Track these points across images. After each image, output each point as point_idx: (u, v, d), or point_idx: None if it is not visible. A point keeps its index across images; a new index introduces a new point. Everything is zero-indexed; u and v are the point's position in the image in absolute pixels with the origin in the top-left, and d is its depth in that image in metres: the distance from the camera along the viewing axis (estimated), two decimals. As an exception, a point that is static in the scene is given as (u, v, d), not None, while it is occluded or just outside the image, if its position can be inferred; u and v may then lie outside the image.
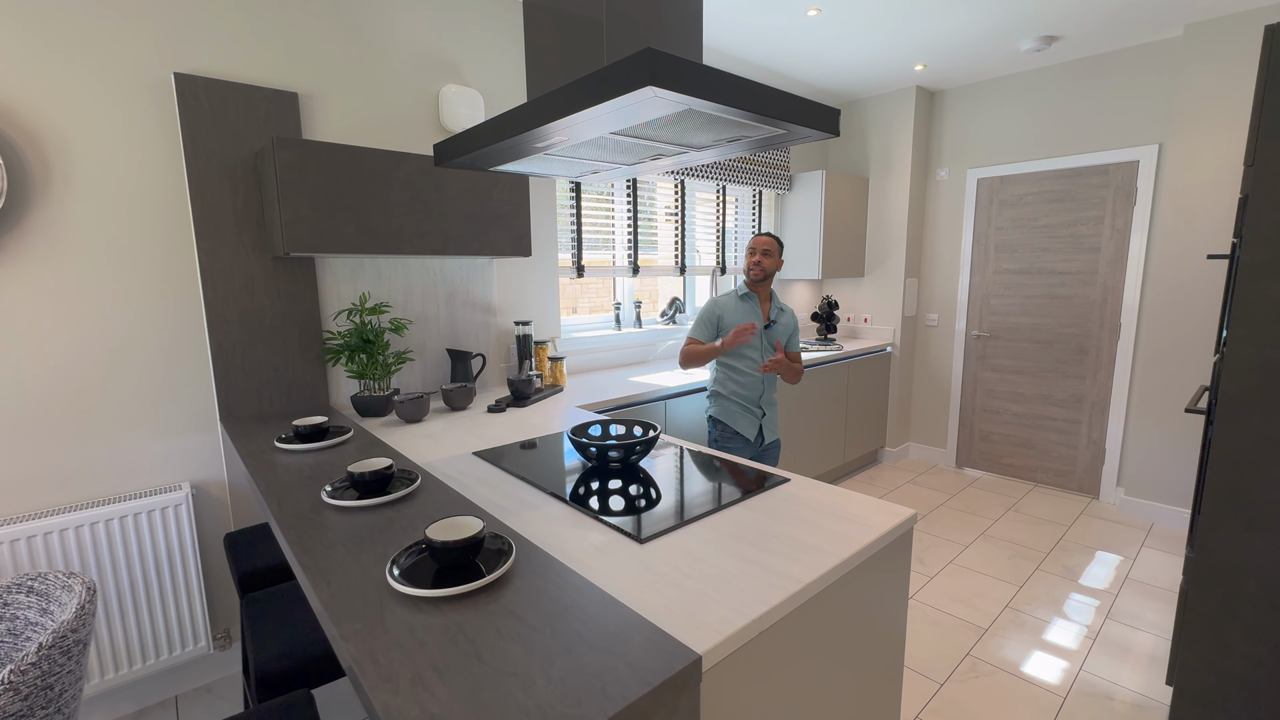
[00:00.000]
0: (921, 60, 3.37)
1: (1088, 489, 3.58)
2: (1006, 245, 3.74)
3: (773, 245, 2.35)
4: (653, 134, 1.28)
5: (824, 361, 3.50)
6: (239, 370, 1.98)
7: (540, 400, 2.36)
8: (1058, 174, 3.49)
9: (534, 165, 1.59)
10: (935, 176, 4.02)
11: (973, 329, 3.95)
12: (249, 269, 1.97)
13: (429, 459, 1.64)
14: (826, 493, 1.35)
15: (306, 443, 1.63)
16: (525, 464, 1.57)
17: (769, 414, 2.39)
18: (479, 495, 1.35)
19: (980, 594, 2.52)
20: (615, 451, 1.45)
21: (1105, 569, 2.72)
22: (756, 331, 2.24)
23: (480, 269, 2.57)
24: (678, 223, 3.53)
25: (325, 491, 1.24)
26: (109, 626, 1.76)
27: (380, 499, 1.22)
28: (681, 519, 1.21)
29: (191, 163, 1.84)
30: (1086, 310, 3.48)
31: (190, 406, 1.93)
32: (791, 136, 1.28)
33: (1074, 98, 3.39)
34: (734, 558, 1.05)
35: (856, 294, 4.33)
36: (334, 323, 2.17)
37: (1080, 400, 3.55)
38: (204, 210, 1.88)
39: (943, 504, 3.50)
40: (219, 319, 1.93)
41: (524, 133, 1.20)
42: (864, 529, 1.16)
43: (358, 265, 2.23)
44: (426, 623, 0.81)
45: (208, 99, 1.85)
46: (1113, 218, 3.33)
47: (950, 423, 4.11)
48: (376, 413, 2.10)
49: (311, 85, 2.07)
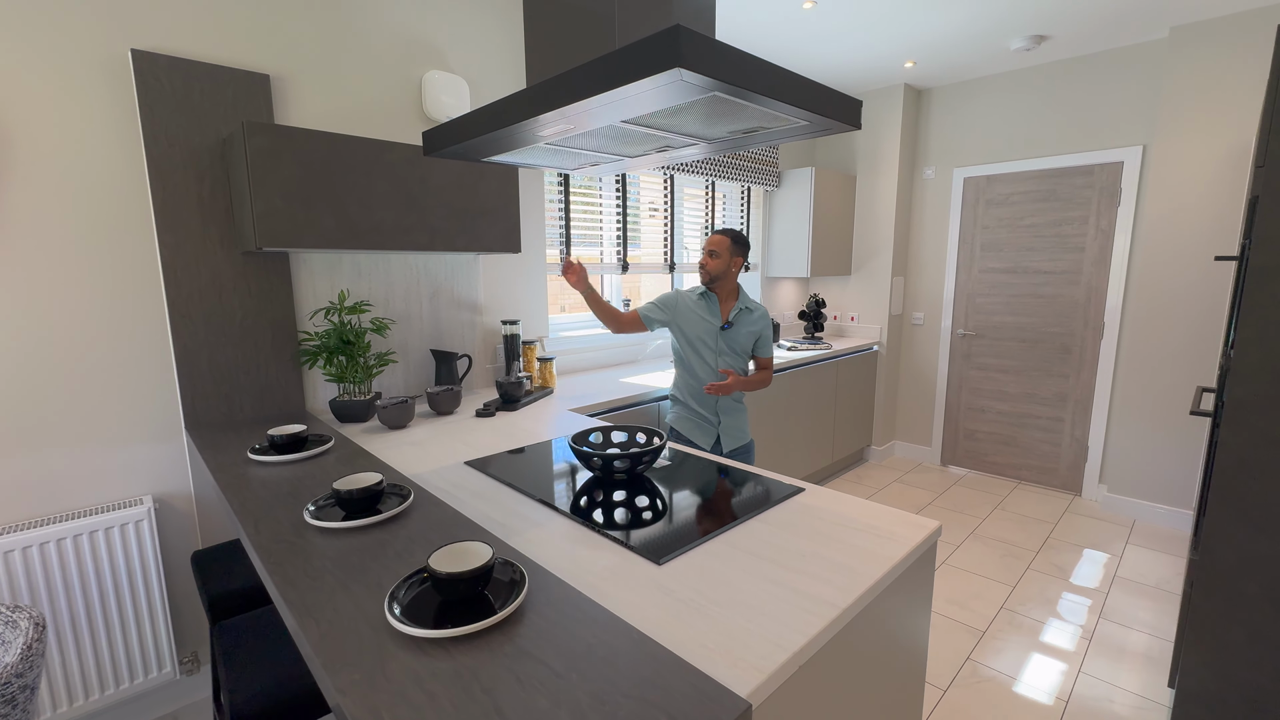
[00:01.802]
0: (912, 57, 3.34)
1: (1070, 486, 3.62)
2: (992, 244, 3.76)
3: (721, 245, 2.11)
4: (665, 123, 1.20)
5: (813, 361, 3.46)
6: (205, 374, 1.83)
7: (530, 403, 2.26)
8: (1043, 174, 3.51)
9: (531, 156, 1.49)
10: (922, 175, 4.01)
11: (958, 328, 3.96)
12: (216, 264, 1.83)
13: (418, 470, 1.53)
14: (844, 503, 1.29)
15: (283, 454, 1.51)
16: (522, 474, 1.48)
17: (727, 420, 2.19)
18: (476, 511, 1.26)
19: (975, 595, 2.51)
20: (621, 462, 1.36)
21: (1094, 567, 2.74)
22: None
23: (465, 265, 2.45)
24: (667, 219, 3.45)
25: (308, 511, 1.12)
26: (63, 655, 1.61)
27: (370, 519, 1.11)
28: (697, 536, 1.13)
29: (152, 149, 1.69)
30: (1071, 309, 3.51)
31: (151, 413, 1.78)
32: (812, 129, 1.21)
33: (1060, 98, 3.41)
34: (760, 579, 0.98)
35: (844, 292, 4.31)
36: (310, 322, 2.03)
37: (1064, 398, 3.59)
38: (166, 201, 1.73)
39: (931, 503, 3.50)
40: (183, 318, 1.78)
41: (528, 119, 1.10)
42: (891, 544, 1.10)
43: (335, 261, 2.09)
44: (434, 669, 0.72)
45: (169, 79, 1.70)
46: (1097, 218, 3.36)
47: (935, 421, 4.12)
48: (357, 418, 1.97)
49: (284, 67, 1.92)
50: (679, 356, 2.23)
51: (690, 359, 2.19)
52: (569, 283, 2.10)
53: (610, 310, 2.19)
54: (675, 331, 2.21)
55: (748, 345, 2.21)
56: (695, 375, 2.19)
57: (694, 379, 2.19)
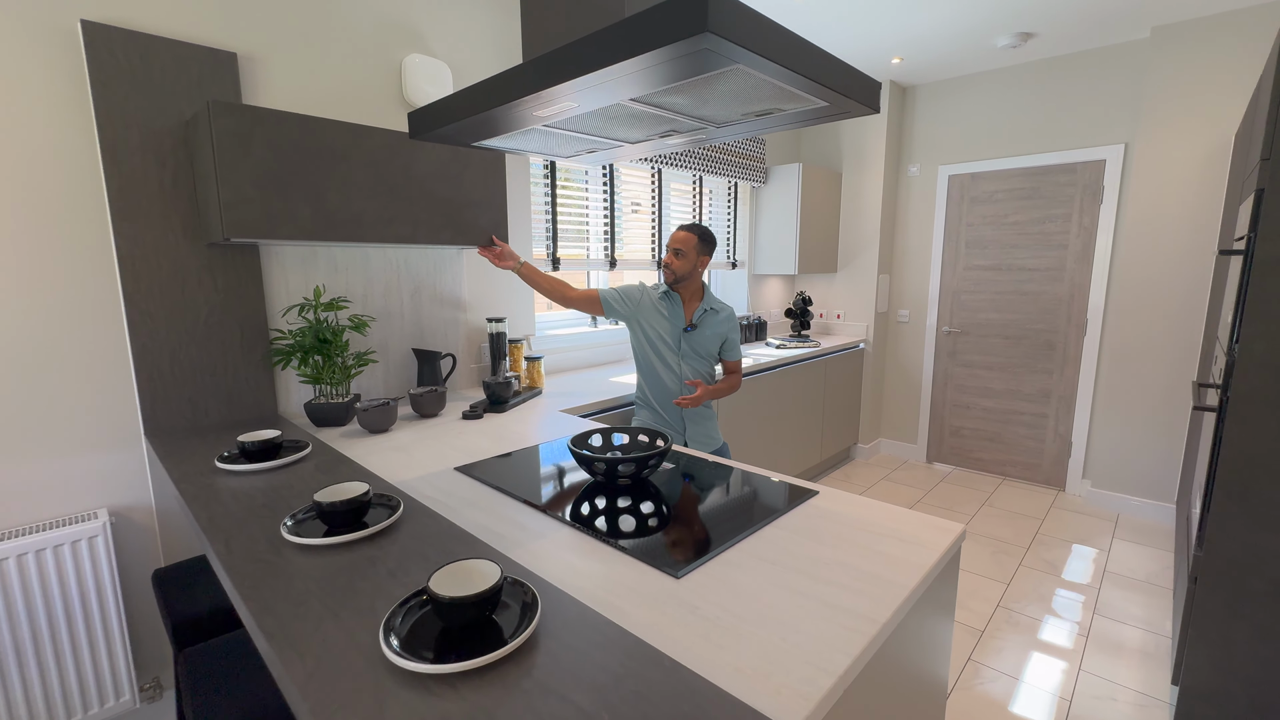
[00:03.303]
0: (900, 53, 3.33)
1: (1054, 481, 3.65)
2: (977, 241, 3.77)
3: (687, 243, 1.99)
4: (675, 103, 1.12)
5: (801, 359, 3.43)
6: (167, 375, 1.69)
7: (519, 404, 2.16)
8: (1027, 171, 3.53)
9: (524, 141, 1.40)
10: (907, 172, 4.01)
11: (943, 325, 3.97)
12: (179, 257, 1.69)
13: (404, 477, 1.42)
14: (862, 507, 1.23)
15: (255, 461, 1.38)
16: (517, 479, 1.38)
17: (693, 428, 2.09)
18: (471, 521, 1.16)
19: (971, 593, 2.49)
20: (626, 466, 1.28)
21: (1084, 562, 2.75)
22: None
23: (449, 260, 2.34)
24: (654, 214, 3.37)
25: (286, 525, 1.02)
26: (5, 687, 1.46)
27: (357, 534, 1.01)
28: (713, 545, 1.05)
29: (106, 130, 1.55)
30: (1054, 306, 3.54)
31: (107, 418, 1.63)
32: (829, 111, 1.14)
33: (1044, 96, 3.43)
34: (788, 591, 0.91)
35: (830, 290, 4.29)
36: (283, 320, 1.90)
37: (1048, 395, 3.62)
38: (123, 187, 1.59)
39: (919, 500, 3.49)
40: (142, 315, 1.64)
41: (531, 95, 1.01)
42: (919, 550, 1.04)
43: (310, 255, 1.96)
44: (443, 711, 0.63)
45: (125, 54, 1.56)
46: (1080, 215, 3.39)
47: (921, 418, 4.13)
48: (334, 422, 1.85)
49: (254, 46, 1.79)
50: (639, 358, 2.13)
51: (651, 361, 2.09)
52: (496, 265, 2.03)
53: (555, 283, 2.06)
54: (635, 329, 2.11)
55: (713, 348, 2.11)
56: (657, 379, 2.10)
57: (655, 383, 2.10)
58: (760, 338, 3.88)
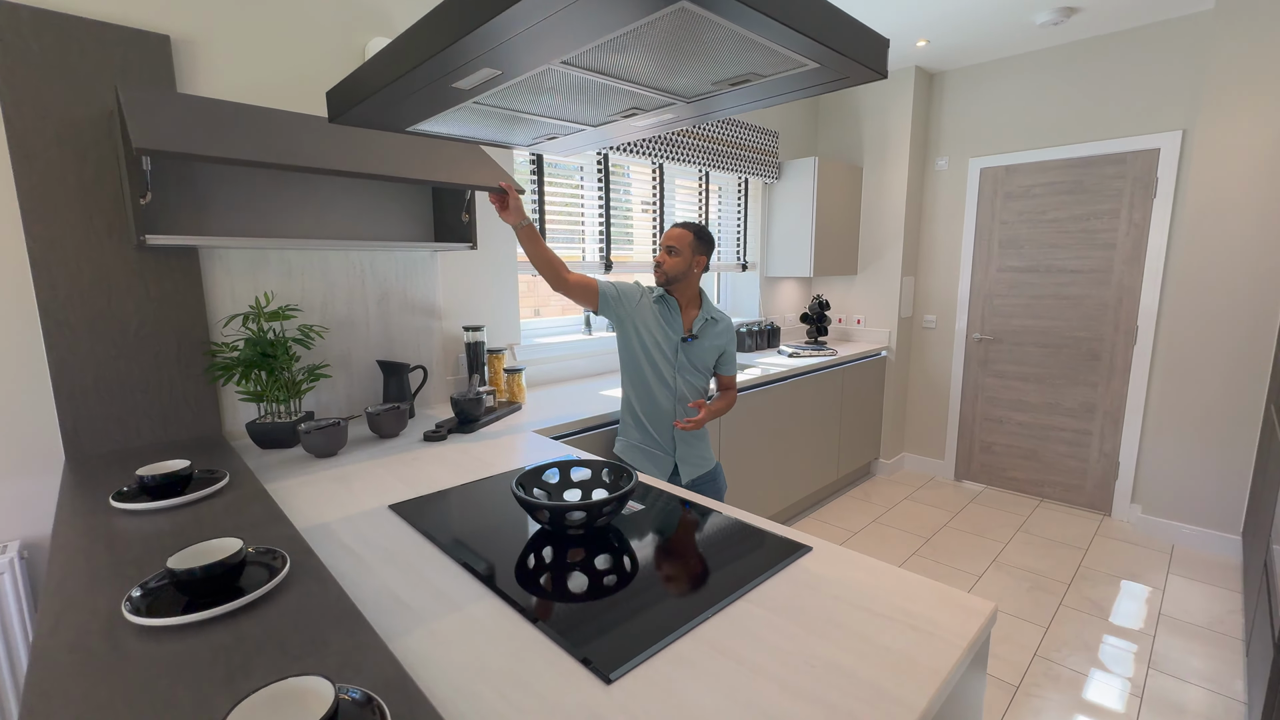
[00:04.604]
0: (925, 35, 3.04)
1: (1099, 505, 3.31)
2: (1011, 241, 3.45)
3: (682, 240, 1.80)
4: (624, 68, 0.89)
5: (817, 369, 3.16)
6: (90, 392, 1.53)
7: (492, 423, 1.95)
8: (1069, 163, 3.20)
9: (466, 124, 1.19)
10: (934, 166, 3.70)
11: (974, 331, 3.65)
12: (103, 261, 1.52)
13: (328, 516, 1.22)
14: (863, 570, 0.98)
15: (158, 499, 1.20)
16: (457, 522, 1.17)
17: (685, 448, 1.90)
18: (377, 585, 0.95)
19: (1004, 638, 2.20)
20: (575, 515, 1.06)
21: (1135, 603, 2.43)
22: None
23: (421, 264, 2.14)
24: (655, 214, 3.14)
25: (129, 601, 0.81)
26: (-106, 744, 1.31)
27: (221, 608, 0.80)
28: (665, 632, 0.82)
29: (13, 122, 1.38)
30: (1099, 312, 3.20)
31: (20, 440, 1.47)
32: (821, 76, 0.90)
33: (1089, 79, 3.10)
34: (755, 714, 0.67)
35: (849, 293, 4.00)
36: (223, 330, 1.72)
37: (1091, 409, 3.28)
38: (35, 185, 1.42)
39: (946, 524, 3.19)
40: (59, 326, 1.48)
41: (435, 57, 0.80)
42: (935, 643, 0.79)
43: (259, 258, 1.78)
44: None
45: (35, 36, 1.39)
46: (1130, 211, 3.05)
47: (949, 432, 3.81)
48: (281, 444, 1.67)
49: (190, 28, 1.62)
50: (629, 366, 1.90)
51: (642, 370, 1.87)
52: (500, 215, 1.74)
53: (553, 260, 1.77)
54: (628, 334, 1.87)
55: (710, 361, 1.90)
56: (647, 392, 1.87)
57: (645, 397, 1.88)
58: (772, 345, 3.62)
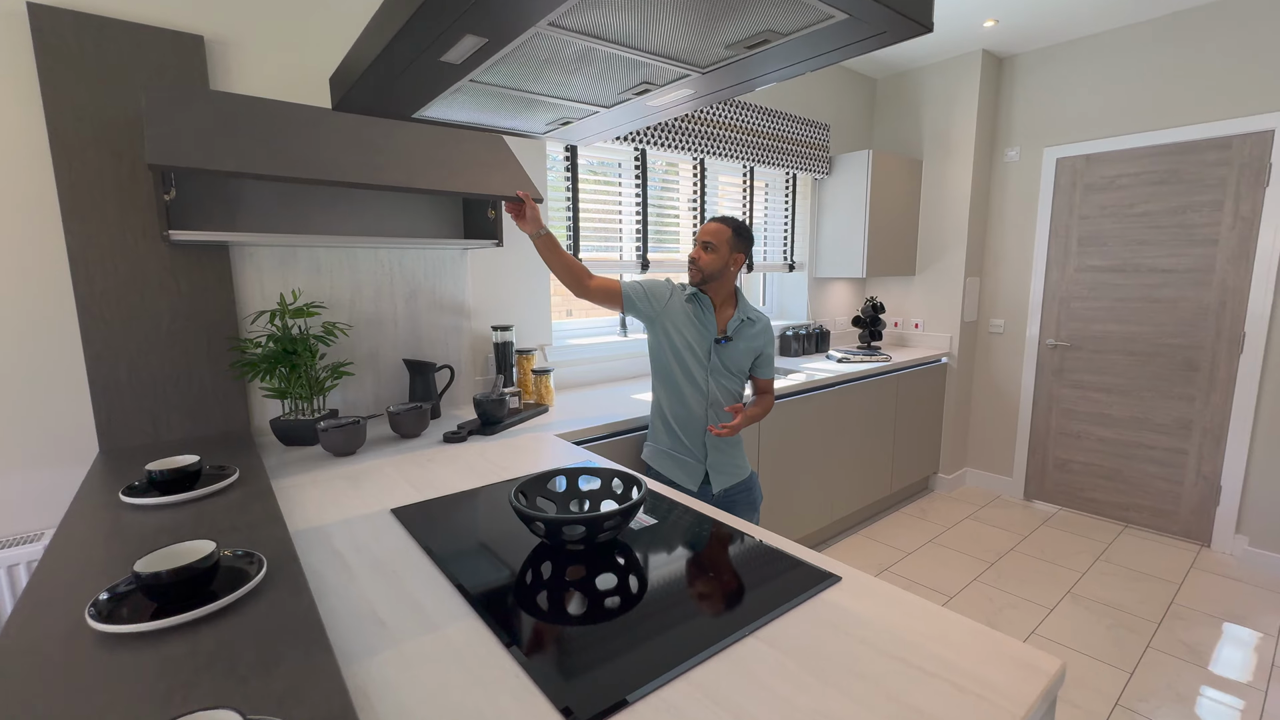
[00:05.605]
0: (993, 15, 2.80)
1: (1196, 534, 2.93)
2: (1093, 238, 3.12)
3: (719, 235, 1.70)
4: (623, 31, 0.80)
5: (869, 375, 2.95)
6: (124, 386, 1.56)
7: (515, 425, 1.89)
8: (1162, 150, 2.87)
9: (467, 107, 1.12)
10: (1004, 158, 3.41)
11: (1048, 337, 3.33)
12: (138, 258, 1.55)
13: (328, 519, 1.18)
14: (901, 611, 0.84)
15: (167, 494, 1.19)
16: (456, 531, 1.10)
17: (718, 455, 1.78)
18: (357, 597, 0.89)
19: (1078, 681, 1.95)
20: (572, 529, 0.96)
21: (1241, 650, 2.11)
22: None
23: (450, 261, 2.12)
24: (696, 211, 3.02)
25: (95, 605, 0.78)
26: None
27: (178, 617, 0.75)
28: (655, 672, 0.71)
29: (55, 121, 1.43)
30: (1198, 317, 2.84)
31: (56, 432, 1.52)
32: (851, 33, 0.78)
33: (1185, 55, 2.76)
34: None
35: (906, 295, 3.75)
36: (251, 327, 1.74)
37: (1188, 426, 2.91)
38: (75, 183, 1.46)
39: (1013, 548, 2.91)
40: (96, 321, 1.51)
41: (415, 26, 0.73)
42: (987, 712, 0.65)
43: (288, 255, 1.79)
44: None
45: (78, 39, 1.43)
46: (1236, 203, 2.69)
47: (1018, 447, 3.49)
48: (304, 441, 1.66)
49: (224, 28, 1.64)
50: (659, 367, 1.80)
51: (672, 372, 1.76)
52: (517, 225, 1.71)
53: (574, 266, 1.73)
54: (659, 335, 1.78)
55: (745, 364, 1.78)
56: (678, 395, 1.77)
57: (676, 400, 1.77)
58: (821, 349, 3.43)
